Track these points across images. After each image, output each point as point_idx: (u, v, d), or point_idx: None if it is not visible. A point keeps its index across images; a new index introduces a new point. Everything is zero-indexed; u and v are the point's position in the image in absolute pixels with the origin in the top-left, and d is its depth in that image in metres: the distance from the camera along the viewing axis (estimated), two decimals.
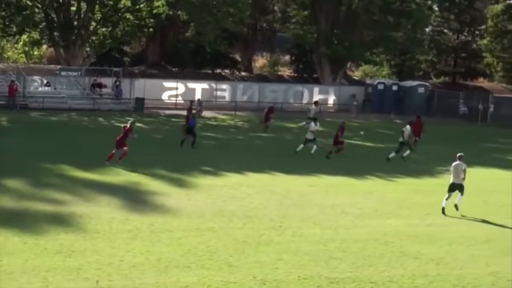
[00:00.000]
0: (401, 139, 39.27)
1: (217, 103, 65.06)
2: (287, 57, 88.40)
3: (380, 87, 70.90)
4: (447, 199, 27.03)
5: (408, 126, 39.73)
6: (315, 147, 38.99)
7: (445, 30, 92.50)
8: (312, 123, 39.68)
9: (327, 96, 70.35)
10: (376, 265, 19.90)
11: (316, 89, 70.89)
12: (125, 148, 33.32)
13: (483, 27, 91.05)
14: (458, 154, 27.53)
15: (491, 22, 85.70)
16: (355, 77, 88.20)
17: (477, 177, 27.66)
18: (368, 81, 79.49)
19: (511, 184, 32.22)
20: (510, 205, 28.41)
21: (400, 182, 33.48)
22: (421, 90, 70.65)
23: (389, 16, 73.98)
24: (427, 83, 75.59)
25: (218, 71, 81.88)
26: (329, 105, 69.62)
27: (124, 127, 34.36)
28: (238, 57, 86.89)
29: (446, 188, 27.11)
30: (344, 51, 72.01)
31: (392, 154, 39.00)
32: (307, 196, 28.80)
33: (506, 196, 30.18)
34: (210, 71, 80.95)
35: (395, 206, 27.86)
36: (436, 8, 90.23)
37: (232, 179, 31.82)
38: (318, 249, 21.18)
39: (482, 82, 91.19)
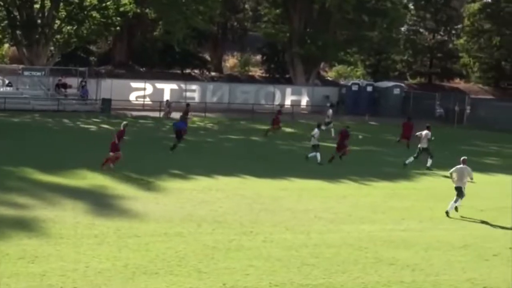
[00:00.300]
0: (425, 145, 38.39)
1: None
2: (259, 57, 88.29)
3: (355, 88, 70.56)
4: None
5: (427, 131, 38.55)
6: (318, 155, 37.82)
7: (421, 30, 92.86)
8: (316, 129, 38.74)
9: (299, 97, 70.16)
10: (350, 272, 19.66)
11: (288, 90, 70.70)
12: (112, 153, 32.92)
13: (459, 26, 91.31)
14: (462, 158, 27.59)
15: (468, 21, 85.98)
16: (328, 78, 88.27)
17: None
18: (342, 81, 79.36)
19: (509, 188, 32.23)
20: (488, 210, 28.45)
21: (374, 186, 33.19)
22: (396, 91, 70.52)
23: (364, 15, 74.18)
24: (402, 84, 75.61)
25: (188, 71, 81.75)
26: (302, 106, 69.41)
27: (117, 131, 34.11)
28: (208, 57, 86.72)
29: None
30: (318, 51, 71.88)
31: (429, 162, 37.91)
32: (279, 200, 28.49)
33: (484, 201, 30.20)
34: (179, 71, 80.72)
35: (369, 210, 27.57)
36: (412, 7, 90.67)
37: (201, 182, 31.48)
38: (290, 255, 20.92)
39: (458, 83, 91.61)
